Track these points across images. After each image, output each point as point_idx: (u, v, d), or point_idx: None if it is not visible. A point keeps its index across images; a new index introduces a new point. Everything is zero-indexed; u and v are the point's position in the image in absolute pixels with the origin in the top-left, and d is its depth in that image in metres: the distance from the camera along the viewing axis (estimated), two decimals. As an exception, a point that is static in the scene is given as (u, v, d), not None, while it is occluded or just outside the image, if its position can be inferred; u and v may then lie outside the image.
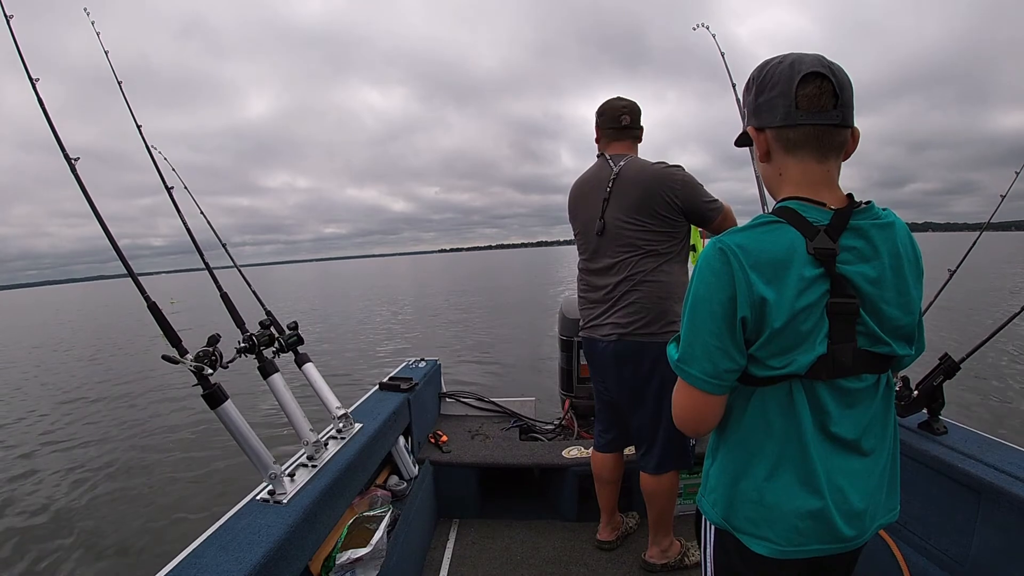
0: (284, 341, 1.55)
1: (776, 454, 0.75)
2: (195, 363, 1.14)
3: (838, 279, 0.69)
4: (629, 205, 1.58)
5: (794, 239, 0.70)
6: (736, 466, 0.79)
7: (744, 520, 0.78)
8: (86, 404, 6.51)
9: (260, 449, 1.24)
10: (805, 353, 0.70)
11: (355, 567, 1.37)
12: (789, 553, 0.76)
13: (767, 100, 0.74)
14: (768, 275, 0.69)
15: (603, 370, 1.70)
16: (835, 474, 0.74)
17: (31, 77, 1.11)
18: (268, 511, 1.18)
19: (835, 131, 0.72)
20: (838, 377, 0.73)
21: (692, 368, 0.75)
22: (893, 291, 0.73)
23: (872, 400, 0.76)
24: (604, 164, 1.68)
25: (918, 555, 1.42)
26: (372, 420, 1.78)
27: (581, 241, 1.75)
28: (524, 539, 2.01)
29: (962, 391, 5.14)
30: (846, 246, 0.71)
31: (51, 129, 1.12)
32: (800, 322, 0.69)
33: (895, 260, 0.73)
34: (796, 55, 0.73)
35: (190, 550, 1.04)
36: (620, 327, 1.61)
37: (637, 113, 1.71)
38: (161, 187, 1.51)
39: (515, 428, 2.47)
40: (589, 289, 1.72)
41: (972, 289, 11.53)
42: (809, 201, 0.73)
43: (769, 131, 0.75)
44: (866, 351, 0.73)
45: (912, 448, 1.45)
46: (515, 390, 4.59)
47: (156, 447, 4.83)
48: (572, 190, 1.79)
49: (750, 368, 0.74)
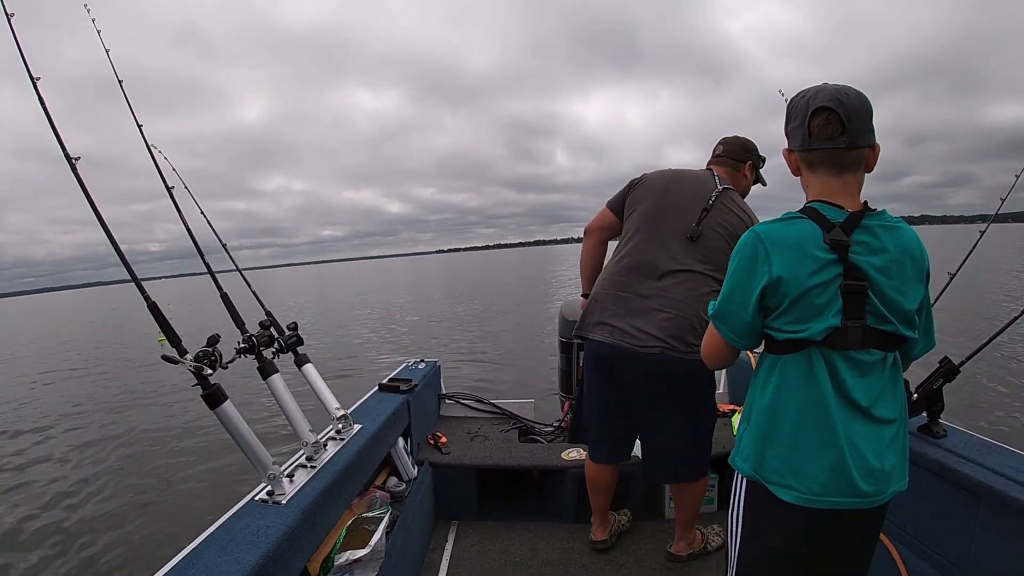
0: (284, 342, 1.55)
1: (801, 413, 0.89)
2: (195, 363, 1.13)
3: (850, 266, 0.85)
4: (726, 229, 1.52)
5: (812, 230, 0.87)
6: (766, 426, 0.92)
7: (772, 471, 0.91)
8: (85, 405, 6.50)
9: (259, 449, 1.24)
10: (819, 322, 0.86)
11: (353, 568, 1.36)
12: (812, 502, 0.88)
13: (792, 129, 0.93)
14: (786, 255, 0.87)
15: (631, 381, 1.58)
16: (852, 434, 0.87)
17: (32, 76, 1.11)
18: (267, 512, 1.17)
19: (847, 152, 0.88)
20: (851, 349, 0.87)
21: (723, 325, 0.97)
22: (896, 280, 0.87)
23: (881, 373, 0.90)
24: (710, 177, 1.64)
25: (917, 559, 1.42)
26: (371, 421, 1.78)
27: (648, 230, 1.58)
28: (523, 541, 2.01)
29: (962, 394, 5.14)
30: (858, 240, 0.86)
31: (52, 129, 1.12)
32: (814, 296, 0.85)
33: (900, 256, 0.88)
34: (818, 88, 0.89)
35: (189, 550, 1.04)
36: (663, 341, 1.49)
37: (736, 147, 1.72)
38: (159, 192, 1.50)
39: (514, 430, 2.47)
40: (631, 287, 1.56)
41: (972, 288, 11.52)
42: (830, 204, 0.89)
43: (796, 153, 0.94)
44: (874, 328, 0.87)
45: (911, 451, 1.44)
46: (514, 392, 4.59)
47: (155, 446, 4.83)
48: (661, 175, 1.67)
49: (774, 333, 0.91)
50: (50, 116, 1.12)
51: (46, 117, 1.12)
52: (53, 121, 1.12)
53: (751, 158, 1.73)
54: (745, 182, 1.74)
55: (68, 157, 1.13)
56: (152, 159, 1.50)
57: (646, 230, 1.59)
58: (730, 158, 1.71)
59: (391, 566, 1.47)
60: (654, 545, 1.97)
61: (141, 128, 1.48)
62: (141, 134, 1.48)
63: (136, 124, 1.46)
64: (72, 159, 1.13)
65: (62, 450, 4.88)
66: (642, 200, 1.64)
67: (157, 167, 1.50)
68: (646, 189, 1.65)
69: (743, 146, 1.73)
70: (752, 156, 1.73)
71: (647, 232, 1.59)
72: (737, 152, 1.72)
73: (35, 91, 1.11)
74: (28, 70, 1.11)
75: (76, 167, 1.13)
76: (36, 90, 1.11)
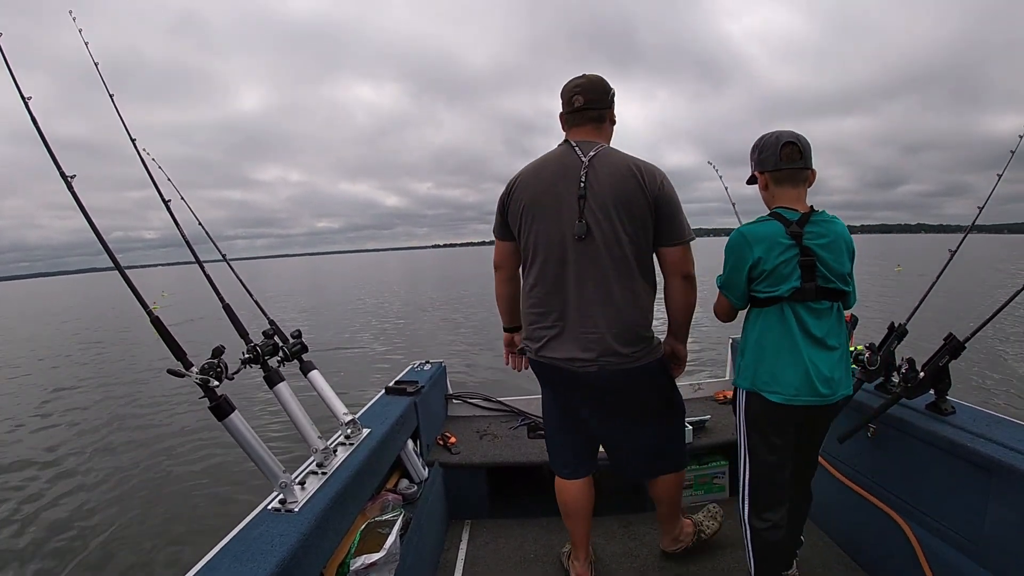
0: (288, 350, 1.55)
1: (778, 345, 1.32)
2: (200, 376, 1.13)
3: (804, 248, 1.29)
4: (611, 204, 1.35)
5: (777, 226, 1.31)
6: (757, 355, 1.36)
7: (763, 383, 1.34)
8: (90, 412, 6.50)
9: (269, 458, 1.24)
10: (786, 285, 1.30)
11: (369, 572, 1.37)
12: (791, 401, 1.31)
13: (764, 157, 1.36)
14: (761, 244, 1.31)
15: (583, 401, 1.52)
16: (812, 356, 1.30)
17: (23, 96, 1.10)
18: (280, 520, 1.17)
19: (802, 171, 1.35)
20: (808, 301, 1.30)
21: (729, 293, 1.40)
22: (835, 254, 1.31)
23: (830, 317, 1.33)
24: (568, 152, 1.41)
25: (931, 536, 1.42)
26: (380, 425, 1.78)
27: (539, 249, 1.43)
28: (537, 537, 2.02)
29: (969, 370, 5.14)
30: (808, 231, 1.30)
31: (45, 146, 1.12)
32: (782, 268, 1.29)
33: (835, 239, 1.31)
34: (779, 132, 1.35)
35: (205, 562, 1.04)
36: (595, 360, 1.39)
37: (596, 90, 1.43)
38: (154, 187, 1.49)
39: (523, 426, 2.47)
40: (550, 316, 1.44)
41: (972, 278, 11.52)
42: (788, 209, 1.34)
43: (768, 173, 1.37)
44: (823, 287, 1.30)
45: (920, 429, 1.45)
46: (520, 388, 4.60)
47: (165, 458, 4.83)
48: (526, 182, 1.44)
49: (757, 293, 1.34)
50: (43, 134, 1.12)
51: (39, 134, 1.12)
52: (45, 137, 1.12)
53: (612, 97, 1.46)
54: (612, 128, 1.50)
55: (63, 175, 1.13)
56: (148, 173, 1.50)
57: (535, 248, 1.44)
58: (595, 109, 1.43)
59: (406, 568, 1.47)
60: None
61: (135, 142, 1.47)
62: (135, 147, 1.48)
63: (130, 138, 1.46)
64: (68, 177, 1.13)
65: (71, 461, 4.88)
66: (520, 215, 1.45)
67: (153, 181, 1.49)
68: (519, 202, 1.45)
69: (604, 86, 1.44)
70: (612, 94, 1.47)
71: (540, 251, 1.43)
72: (600, 98, 1.43)
73: (27, 111, 1.11)
74: (19, 91, 1.10)
75: (72, 185, 1.13)
76: (28, 109, 1.11)
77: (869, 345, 1.67)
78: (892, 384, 1.61)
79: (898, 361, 1.58)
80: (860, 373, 1.66)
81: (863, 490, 1.68)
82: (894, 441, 1.57)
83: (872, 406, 1.58)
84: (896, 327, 1.62)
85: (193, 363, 1.14)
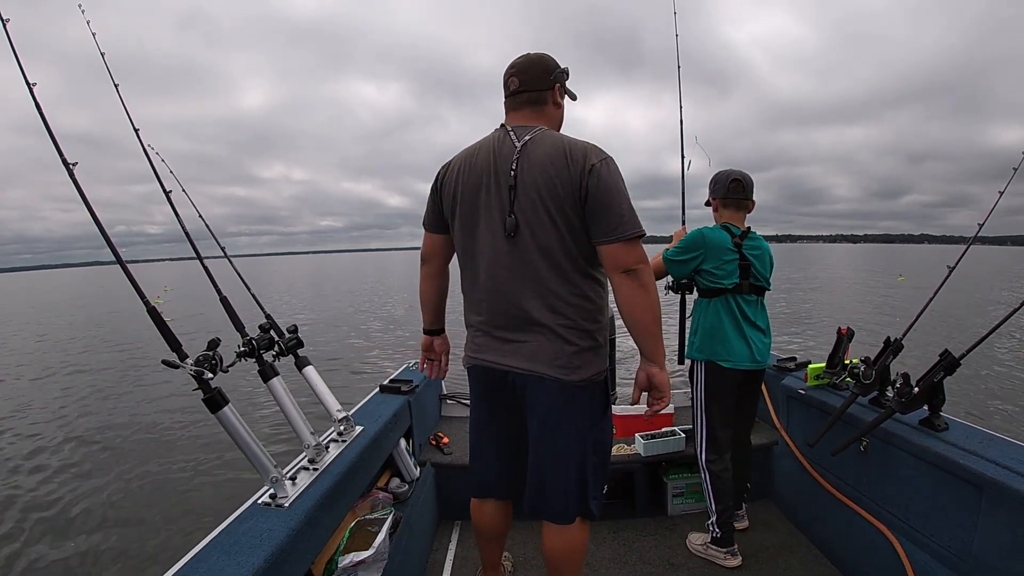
0: (284, 345, 1.55)
1: (727, 325, 1.79)
2: (195, 367, 1.13)
3: (742, 255, 1.80)
4: (540, 195, 1.20)
5: (725, 236, 1.81)
6: (708, 335, 1.82)
7: (716, 354, 1.80)
8: (84, 406, 6.48)
9: (261, 453, 1.23)
10: (728, 280, 1.79)
11: (357, 570, 1.36)
12: (737, 366, 1.79)
13: (717, 187, 1.89)
14: (712, 245, 1.79)
15: (509, 408, 1.36)
16: (750, 335, 1.80)
17: (28, 82, 1.10)
18: (270, 515, 1.17)
19: (744, 201, 1.87)
20: (744, 294, 1.81)
21: (672, 268, 1.87)
22: (762, 262, 1.84)
23: (759, 307, 1.86)
24: (503, 137, 1.26)
25: (920, 551, 1.42)
26: (373, 423, 1.78)
27: (469, 248, 1.31)
28: (526, 540, 2.01)
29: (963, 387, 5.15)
30: (746, 244, 1.81)
31: (48, 134, 1.12)
32: (724, 266, 1.78)
33: (762, 252, 1.85)
34: (730, 170, 1.88)
35: (192, 554, 1.04)
36: (533, 362, 1.25)
37: (535, 70, 1.30)
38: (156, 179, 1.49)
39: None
40: (489, 323, 1.32)
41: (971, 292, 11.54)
42: (733, 225, 1.84)
43: (719, 199, 1.89)
44: (754, 284, 1.83)
45: (913, 444, 1.45)
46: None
47: (156, 449, 4.81)
48: (459, 171, 1.30)
49: (704, 284, 1.83)
50: (46, 120, 1.12)
51: (42, 121, 1.12)
52: (50, 125, 1.12)
53: (557, 77, 1.32)
54: (558, 111, 1.35)
55: (65, 163, 1.13)
56: (152, 166, 1.50)
57: (466, 246, 1.32)
58: (530, 90, 1.29)
59: (395, 567, 1.46)
60: (656, 542, 1.98)
61: (138, 132, 1.47)
62: (139, 139, 1.48)
63: (133, 128, 1.46)
64: (70, 165, 1.13)
65: (60, 453, 4.86)
66: (452, 207, 1.33)
67: (157, 175, 1.50)
68: (450, 192, 1.33)
69: (543, 66, 1.31)
70: (556, 74, 1.32)
71: (470, 249, 1.31)
72: (539, 79, 1.30)
73: (31, 96, 1.11)
74: (24, 76, 1.10)
75: (74, 172, 1.13)
76: (32, 95, 1.11)
77: (864, 359, 1.68)
78: (886, 398, 1.61)
79: (893, 376, 1.58)
80: (855, 387, 1.67)
81: (853, 503, 1.68)
82: (887, 456, 1.57)
83: (865, 420, 1.58)
84: (892, 341, 1.63)
85: (188, 355, 1.14)
